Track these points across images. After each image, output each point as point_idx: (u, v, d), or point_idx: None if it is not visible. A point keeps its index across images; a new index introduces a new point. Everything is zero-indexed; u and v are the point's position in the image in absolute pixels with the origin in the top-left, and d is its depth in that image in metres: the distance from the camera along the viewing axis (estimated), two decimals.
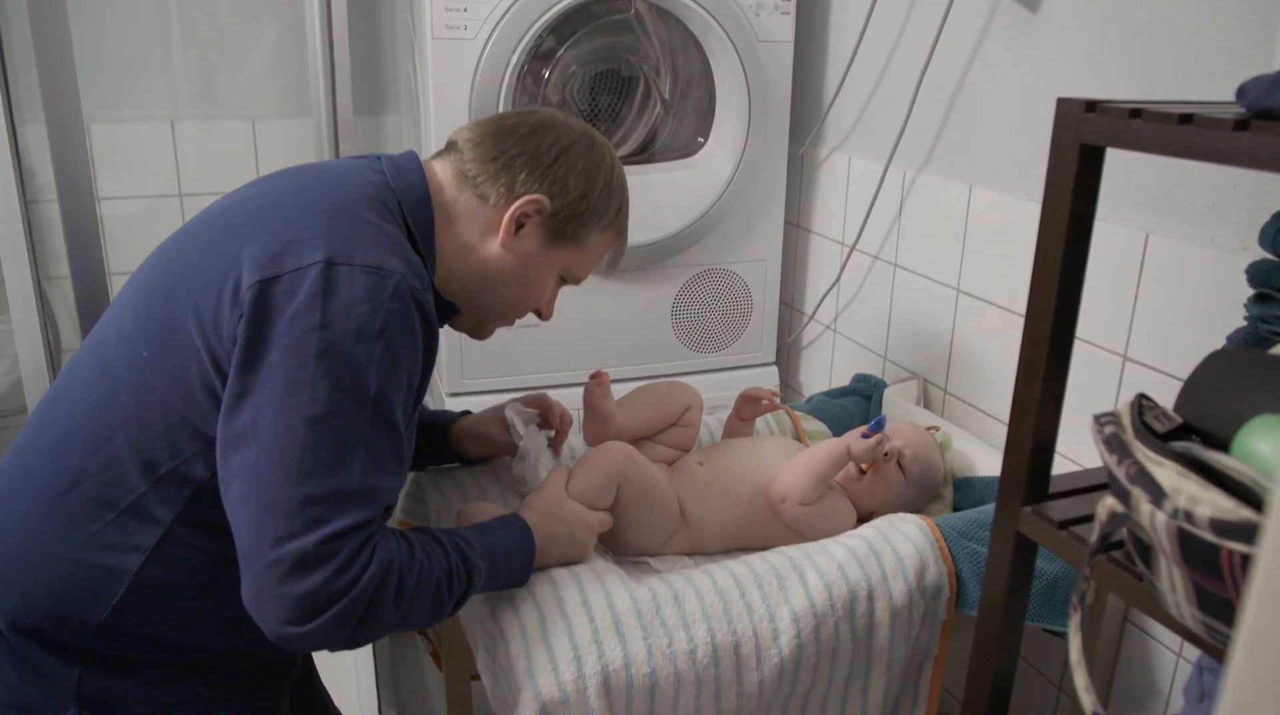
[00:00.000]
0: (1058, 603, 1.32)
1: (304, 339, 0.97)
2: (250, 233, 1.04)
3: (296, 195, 1.10)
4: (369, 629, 1.00)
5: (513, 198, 1.18)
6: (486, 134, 1.21)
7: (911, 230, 1.87)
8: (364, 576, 0.98)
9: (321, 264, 0.99)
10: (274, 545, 0.95)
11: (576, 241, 1.24)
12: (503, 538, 1.20)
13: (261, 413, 0.97)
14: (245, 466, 0.98)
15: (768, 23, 1.97)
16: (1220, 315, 1.26)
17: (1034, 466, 0.95)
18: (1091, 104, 0.82)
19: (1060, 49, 1.50)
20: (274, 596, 0.96)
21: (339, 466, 0.98)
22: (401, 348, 1.02)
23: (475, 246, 1.20)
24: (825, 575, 1.24)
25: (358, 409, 0.99)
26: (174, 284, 1.07)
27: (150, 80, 2.15)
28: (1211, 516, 0.64)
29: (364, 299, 0.99)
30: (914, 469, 1.50)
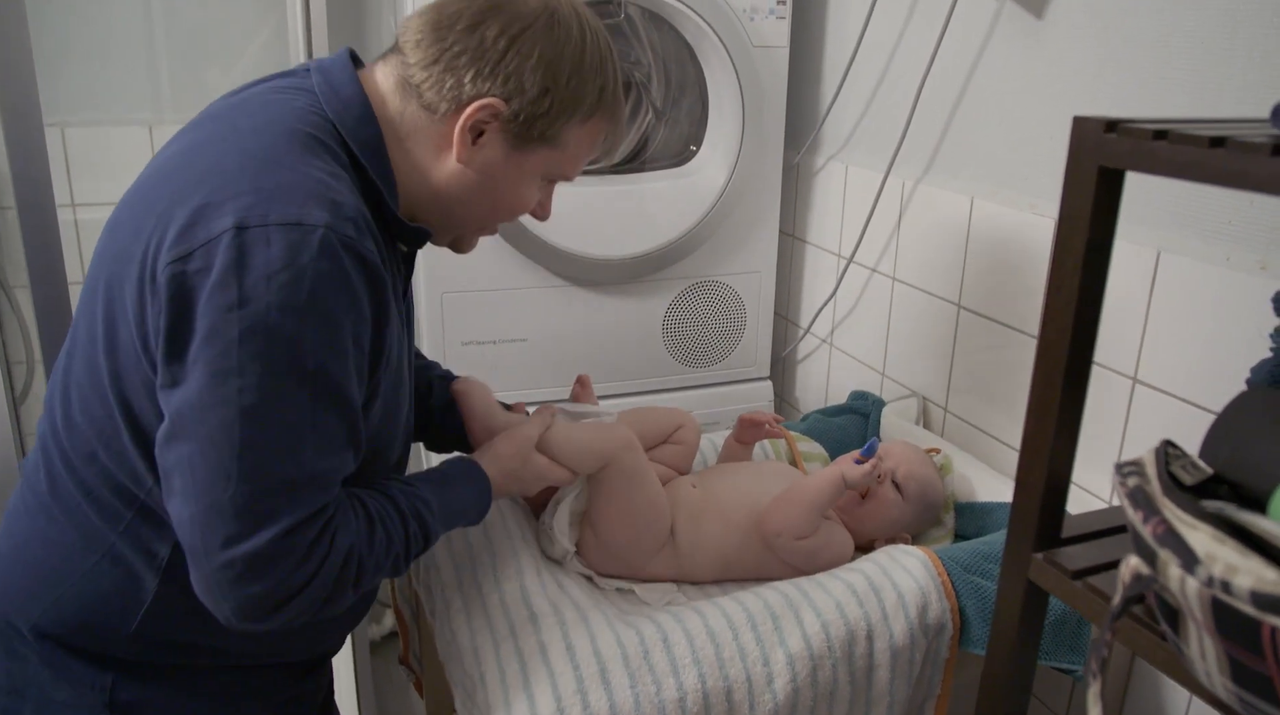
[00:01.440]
0: (1066, 639, 1.26)
1: (224, 321, 0.85)
2: (163, 203, 0.92)
3: (209, 147, 0.96)
4: (329, 608, 0.96)
5: (462, 105, 1.01)
6: (426, 30, 1.02)
7: (911, 242, 1.81)
8: (324, 567, 0.92)
9: (232, 231, 0.86)
10: (224, 546, 0.87)
11: (550, 142, 1.06)
12: (462, 497, 1.14)
13: (192, 406, 0.87)
14: (182, 462, 0.88)
15: (762, 27, 1.91)
16: (1237, 338, 1.20)
17: (1046, 508, 0.88)
18: (1112, 124, 0.76)
19: (1067, 56, 1.43)
20: (229, 597, 0.89)
21: (285, 456, 0.89)
22: (338, 310, 0.90)
23: (430, 166, 1.05)
24: (823, 614, 1.18)
25: (297, 389, 0.88)
26: (107, 279, 0.96)
27: (128, 83, 2.09)
28: (1252, 589, 0.58)
29: (284, 264, 0.86)
30: (911, 488, 1.45)
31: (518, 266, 1.89)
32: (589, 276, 1.94)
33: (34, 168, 1.44)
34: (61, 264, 1.50)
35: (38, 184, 1.45)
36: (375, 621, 2.41)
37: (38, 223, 1.46)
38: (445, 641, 1.25)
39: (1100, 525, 0.92)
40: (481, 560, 1.28)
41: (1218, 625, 0.62)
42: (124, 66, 2.08)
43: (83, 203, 2.11)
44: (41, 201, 1.45)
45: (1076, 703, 1.50)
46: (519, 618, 1.16)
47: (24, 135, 1.43)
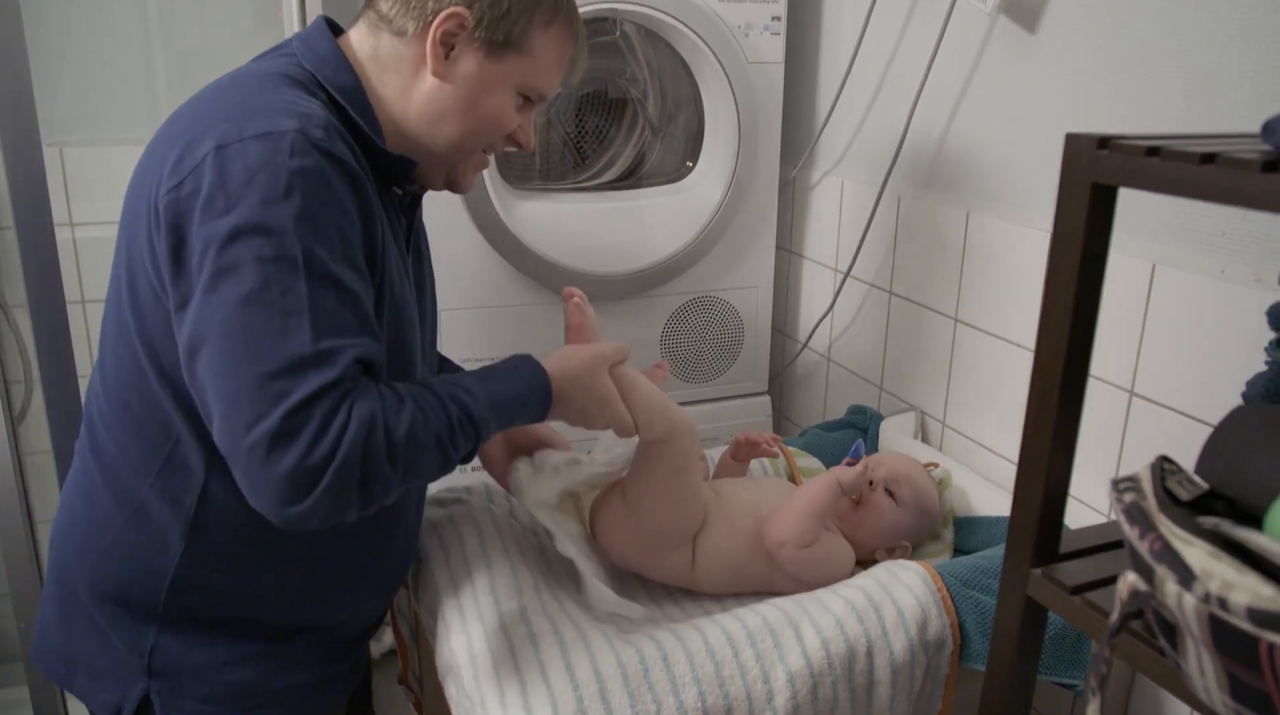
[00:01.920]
0: (1067, 653, 1.26)
1: (215, 227, 0.93)
2: (158, 155, 1.00)
3: (195, 103, 1.06)
4: (372, 491, 0.96)
5: (429, 22, 1.07)
6: None
7: (907, 257, 1.81)
8: (345, 439, 0.92)
9: (213, 152, 0.94)
10: (245, 432, 0.91)
11: (518, 48, 1.11)
12: (512, 384, 1.12)
13: (200, 313, 0.94)
14: (204, 371, 0.94)
15: (757, 43, 1.92)
16: (1232, 351, 1.20)
17: (1044, 524, 0.88)
18: (1104, 140, 0.76)
19: (1061, 70, 1.44)
20: (263, 484, 0.92)
21: (286, 336, 0.92)
22: (318, 202, 0.95)
23: (411, 88, 1.10)
24: (822, 631, 1.18)
25: (289, 274, 0.93)
26: (126, 230, 1.05)
27: (126, 103, 2.09)
28: (1249, 605, 0.58)
29: (261, 166, 0.93)
30: (903, 492, 1.45)
31: (516, 284, 1.89)
32: (587, 293, 1.93)
33: (33, 187, 1.44)
34: (60, 283, 1.50)
35: (37, 204, 1.45)
36: (375, 639, 2.41)
37: (36, 242, 1.46)
38: (445, 661, 1.25)
39: (1098, 540, 0.92)
40: (480, 579, 1.27)
41: (1216, 641, 0.62)
42: (122, 86, 2.08)
43: (81, 222, 2.11)
44: (40, 221, 1.46)
45: None
46: (518, 637, 1.16)
47: (23, 155, 1.43)
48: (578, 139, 2.05)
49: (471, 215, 1.81)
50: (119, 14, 2.02)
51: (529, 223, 1.85)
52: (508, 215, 1.82)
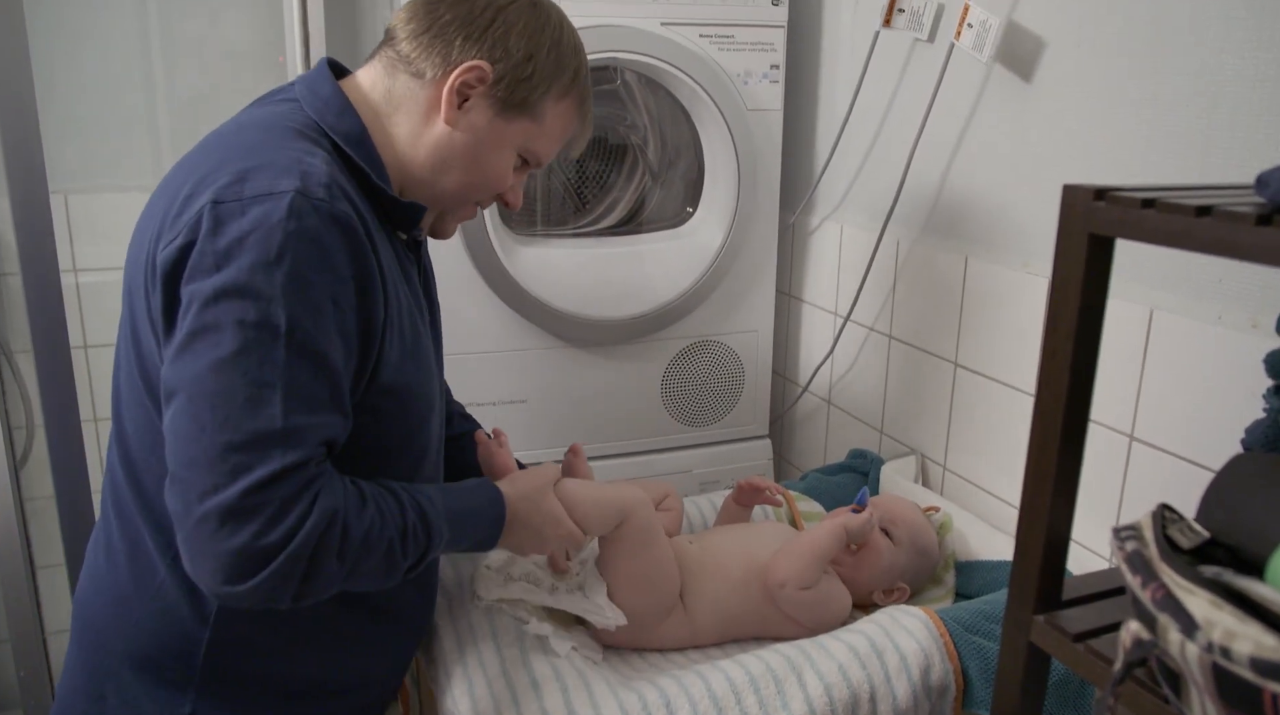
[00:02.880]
0: (1070, 699, 1.25)
1: (201, 285, 0.91)
2: (159, 206, 1.00)
3: (197, 154, 1.04)
4: (313, 585, 0.93)
5: (450, 68, 1.07)
6: (418, 8, 1.10)
7: (906, 301, 1.82)
8: (302, 529, 0.90)
9: (209, 206, 0.92)
10: (199, 500, 0.88)
11: (530, 113, 1.12)
12: (471, 501, 1.12)
13: (174, 368, 0.92)
14: (168, 425, 0.92)
15: (756, 91, 1.94)
16: (1231, 396, 1.21)
17: (1046, 570, 0.88)
18: (1101, 192, 0.77)
19: (1056, 118, 1.46)
20: (206, 555, 0.88)
21: (256, 408, 0.89)
22: (311, 268, 0.92)
23: (420, 131, 1.10)
24: (825, 677, 1.17)
25: (269, 343, 0.90)
26: (127, 291, 1.04)
27: (132, 151, 2.11)
28: (1252, 655, 0.58)
29: (254, 227, 0.91)
30: (901, 533, 1.46)
31: (517, 328, 1.90)
32: (588, 337, 1.95)
33: (39, 234, 1.46)
34: (64, 328, 1.51)
35: (42, 250, 1.46)
36: None
37: (41, 288, 1.47)
38: (447, 709, 1.24)
39: (1101, 586, 0.92)
40: (482, 626, 1.27)
41: (1219, 690, 0.62)
42: (125, 133, 2.10)
43: (84, 268, 2.12)
44: (46, 267, 1.47)
45: None
46: (521, 684, 1.15)
47: (30, 202, 1.45)
48: (578, 185, 2.07)
49: (473, 260, 1.83)
50: (123, 62, 2.05)
51: (530, 268, 1.87)
52: (509, 260, 1.84)
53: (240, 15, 2.10)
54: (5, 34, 1.41)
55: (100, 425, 2.16)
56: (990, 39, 1.50)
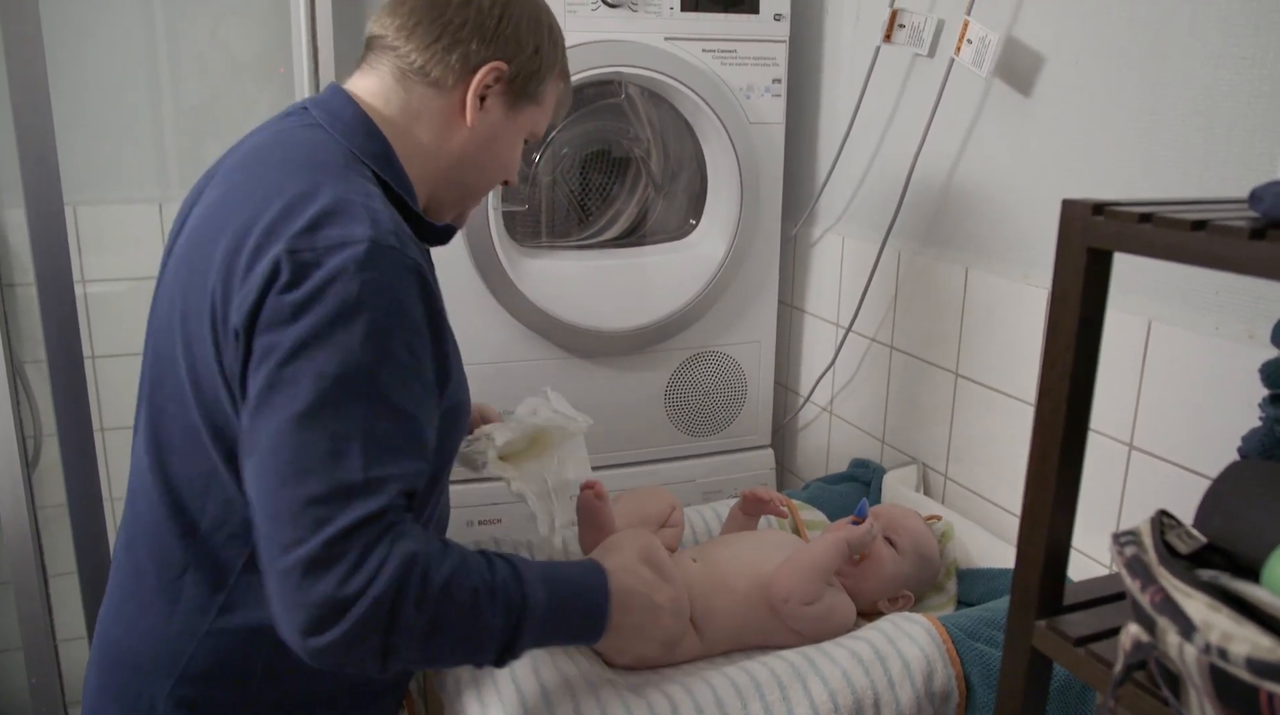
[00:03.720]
0: (1071, 705, 1.27)
1: (280, 336, 0.91)
2: (219, 248, 0.98)
3: (250, 189, 1.02)
4: (397, 639, 0.91)
5: (470, 73, 1.10)
6: (418, 15, 1.10)
7: (907, 312, 1.84)
8: (380, 574, 0.89)
9: (284, 254, 0.92)
10: (282, 553, 0.88)
11: (536, 99, 1.17)
12: (567, 570, 1.09)
13: (254, 422, 0.92)
14: (251, 481, 0.92)
15: (759, 105, 1.97)
16: (1228, 405, 1.23)
17: (1047, 577, 0.90)
18: (1099, 207, 0.80)
19: (1055, 131, 1.48)
20: (290, 607, 0.88)
21: (337, 460, 0.90)
22: (387, 317, 0.94)
23: (444, 137, 1.12)
24: (830, 683, 1.19)
25: (349, 395, 0.91)
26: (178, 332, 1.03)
27: (138, 163, 2.14)
28: (1248, 655, 0.60)
29: (332, 278, 0.91)
30: (903, 541, 1.48)
31: (522, 340, 1.92)
32: (592, 348, 1.97)
33: (54, 249, 1.48)
34: (79, 339, 1.53)
35: (57, 265, 1.48)
36: None
37: (57, 302, 1.49)
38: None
39: (1101, 592, 0.94)
40: None
41: (1218, 691, 0.64)
42: (132, 145, 2.12)
43: (91, 278, 2.14)
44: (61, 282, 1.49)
45: None
46: (530, 692, 1.17)
47: (46, 219, 1.47)
48: (582, 197, 2.10)
49: (478, 272, 1.85)
50: (128, 73, 2.07)
51: (535, 279, 1.89)
52: (514, 272, 1.86)
53: (242, 26, 2.13)
54: (21, 46, 1.43)
55: (108, 435, 2.18)
56: (990, 54, 1.52)
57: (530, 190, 2.01)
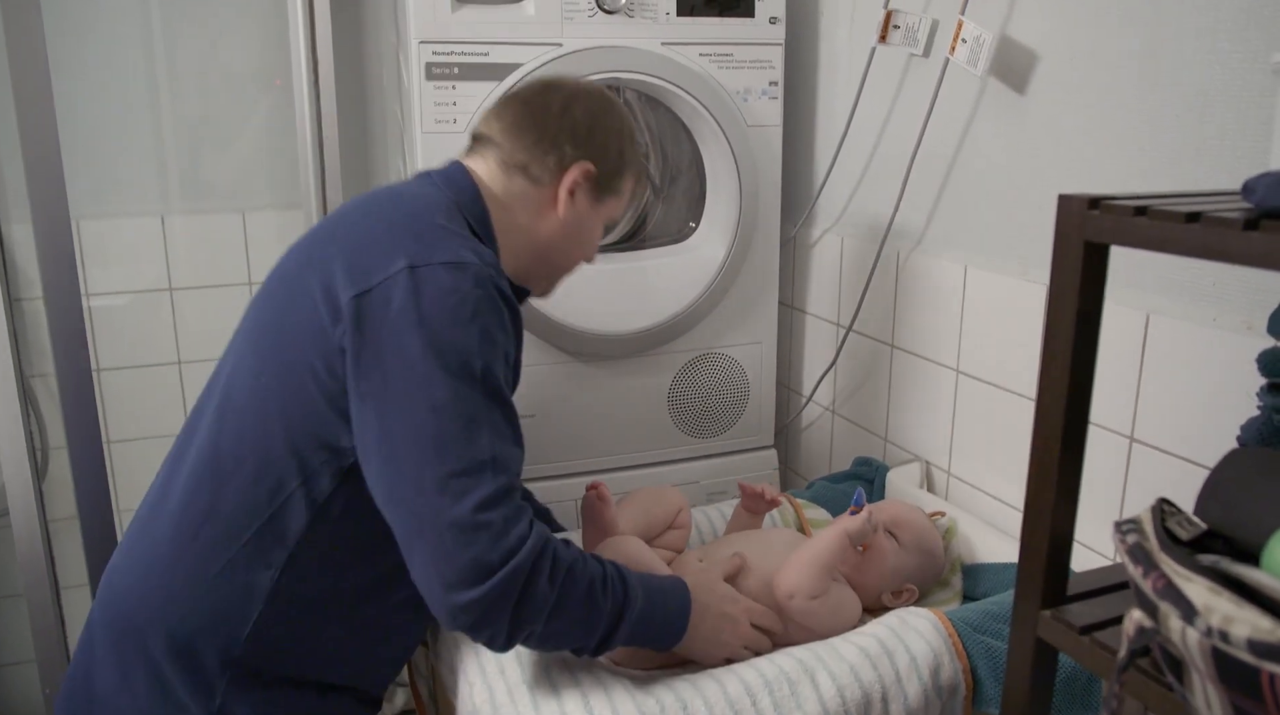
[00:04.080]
0: (1077, 696, 1.28)
1: (409, 339, 1.08)
2: (335, 254, 1.16)
3: (371, 217, 1.21)
4: (526, 609, 1.06)
5: (563, 171, 1.29)
6: (521, 121, 1.30)
7: (907, 311, 1.86)
8: (523, 546, 1.06)
9: (406, 269, 1.10)
10: (434, 519, 1.04)
11: (617, 192, 1.36)
12: (655, 579, 1.24)
13: (388, 413, 1.08)
14: (387, 466, 1.08)
15: (756, 108, 1.98)
16: (1228, 396, 1.24)
17: (1051, 567, 0.91)
18: (1095, 201, 0.81)
19: (1050, 128, 1.50)
20: (442, 567, 1.04)
21: (470, 440, 1.06)
22: (493, 327, 1.12)
23: (535, 225, 1.31)
24: (838, 679, 1.20)
25: (471, 388, 1.08)
26: (279, 312, 1.20)
27: (140, 175, 2.15)
28: (1249, 637, 0.61)
29: (451, 290, 1.10)
30: (905, 535, 1.49)
31: (525, 344, 1.93)
32: (595, 352, 1.98)
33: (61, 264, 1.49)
34: (87, 351, 1.54)
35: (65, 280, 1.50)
36: (387, 700, 2.41)
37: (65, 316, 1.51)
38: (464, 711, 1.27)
39: (1103, 582, 0.95)
40: None
41: (1220, 674, 0.65)
42: (133, 159, 2.13)
43: (95, 292, 2.16)
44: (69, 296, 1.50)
45: None
46: (541, 691, 1.18)
47: (53, 234, 1.48)
48: None
49: None
50: (129, 88, 2.09)
51: None
52: None
53: (239, 40, 2.14)
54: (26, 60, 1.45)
55: (114, 448, 2.19)
56: (984, 53, 1.54)
57: None
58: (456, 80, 1.77)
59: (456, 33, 1.75)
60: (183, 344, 2.23)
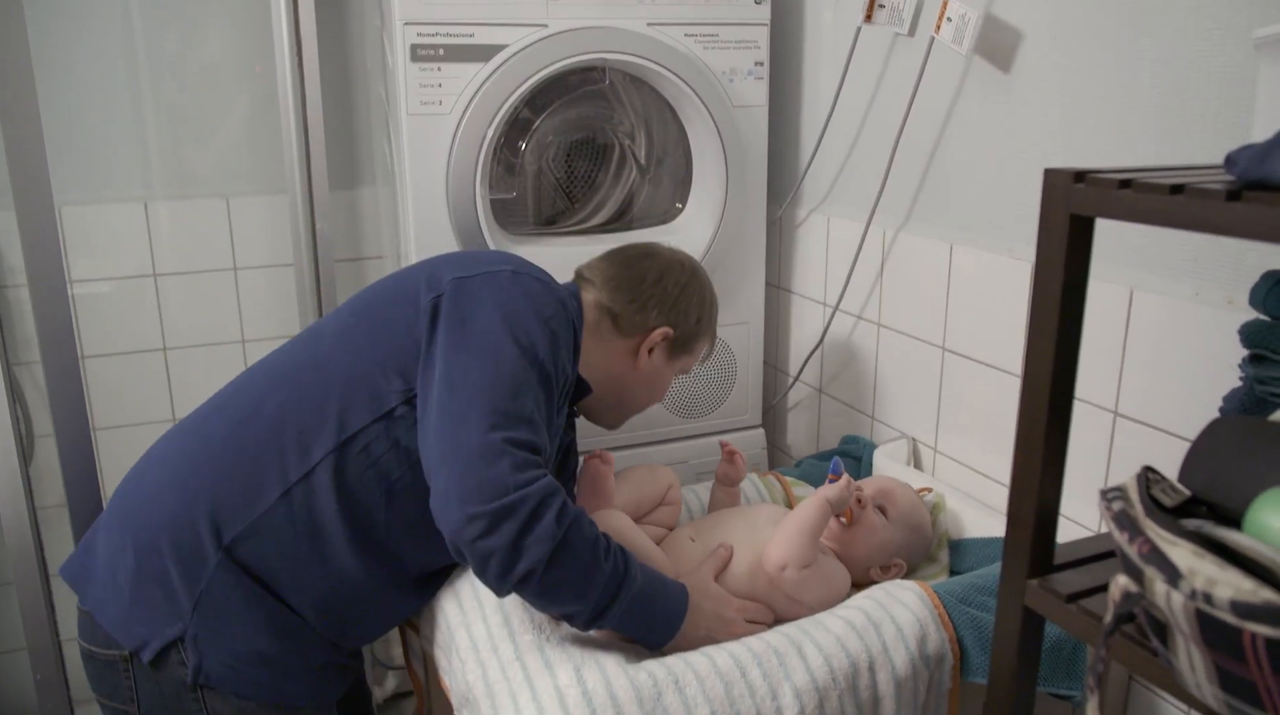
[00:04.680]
0: (1063, 665, 1.30)
1: (492, 312, 1.27)
2: (446, 263, 1.38)
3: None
4: (529, 536, 1.13)
5: (647, 332, 1.49)
6: (620, 278, 1.49)
7: (894, 289, 1.87)
8: (536, 482, 1.15)
9: (510, 272, 1.34)
10: (464, 443, 1.16)
11: (690, 352, 1.55)
12: (655, 571, 1.28)
13: (455, 362, 1.23)
14: (440, 398, 1.21)
15: (741, 88, 1.99)
16: (1210, 370, 1.26)
17: (1038, 538, 0.93)
18: (1080, 174, 0.82)
19: (1035, 106, 1.51)
20: (463, 482, 1.14)
21: (514, 396, 1.21)
22: (560, 338, 1.31)
23: (614, 364, 1.49)
24: (824, 649, 1.22)
25: (529, 364, 1.25)
26: (381, 293, 1.40)
27: (123, 162, 2.14)
28: (1232, 598, 0.63)
29: (540, 294, 1.32)
30: (893, 510, 1.51)
31: None
32: None
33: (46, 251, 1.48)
34: (74, 341, 1.53)
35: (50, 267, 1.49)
36: (377, 684, 2.42)
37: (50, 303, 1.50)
38: (461, 694, 1.28)
39: (1088, 552, 0.97)
40: (493, 614, 1.31)
41: (1203, 636, 0.67)
42: (116, 145, 2.12)
43: (80, 279, 2.14)
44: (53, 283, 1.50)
45: None
46: (535, 667, 1.19)
47: (37, 221, 1.47)
48: (568, 184, 2.11)
49: None
50: (110, 74, 2.07)
51: None
52: None
53: (220, 28, 2.12)
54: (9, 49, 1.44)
55: (100, 435, 2.19)
56: (969, 32, 1.55)
57: (517, 179, 2.02)
58: (442, 62, 1.76)
59: (441, 14, 1.75)
60: (168, 330, 2.22)
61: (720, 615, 1.32)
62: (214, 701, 1.26)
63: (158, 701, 1.26)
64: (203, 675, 1.24)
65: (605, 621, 1.21)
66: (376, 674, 2.42)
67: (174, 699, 1.26)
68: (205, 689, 1.25)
